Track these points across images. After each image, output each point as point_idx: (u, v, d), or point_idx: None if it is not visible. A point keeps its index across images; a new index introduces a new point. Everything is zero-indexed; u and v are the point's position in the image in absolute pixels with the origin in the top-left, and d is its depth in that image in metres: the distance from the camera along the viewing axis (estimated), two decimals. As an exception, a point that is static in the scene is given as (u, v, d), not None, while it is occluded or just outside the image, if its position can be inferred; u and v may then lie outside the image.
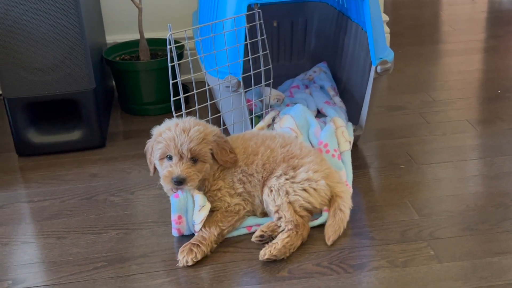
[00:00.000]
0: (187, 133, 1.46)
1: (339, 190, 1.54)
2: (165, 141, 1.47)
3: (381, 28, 1.82)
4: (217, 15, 1.81)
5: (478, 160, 1.82)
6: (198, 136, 1.47)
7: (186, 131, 1.47)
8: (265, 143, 1.57)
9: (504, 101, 2.22)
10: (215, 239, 1.45)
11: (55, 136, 1.96)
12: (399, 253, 1.41)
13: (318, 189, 1.51)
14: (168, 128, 1.49)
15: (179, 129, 1.47)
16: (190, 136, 1.46)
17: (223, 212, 1.50)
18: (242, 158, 1.54)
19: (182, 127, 1.48)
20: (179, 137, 1.45)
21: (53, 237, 1.55)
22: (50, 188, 1.78)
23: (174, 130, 1.47)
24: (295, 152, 1.56)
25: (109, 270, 1.41)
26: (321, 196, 1.51)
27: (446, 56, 2.75)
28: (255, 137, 1.60)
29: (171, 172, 1.45)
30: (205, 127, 1.51)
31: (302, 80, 2.23)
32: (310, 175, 1.51)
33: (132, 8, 2.25)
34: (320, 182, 1.51)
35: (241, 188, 1.53)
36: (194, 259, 1.40)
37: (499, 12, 3.44)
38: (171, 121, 1.53)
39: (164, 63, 2.13)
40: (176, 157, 1.45)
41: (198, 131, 1.48)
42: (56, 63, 1.86)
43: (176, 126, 1.48)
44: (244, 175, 1.53)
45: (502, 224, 1.50)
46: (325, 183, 1.52)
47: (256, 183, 1.53)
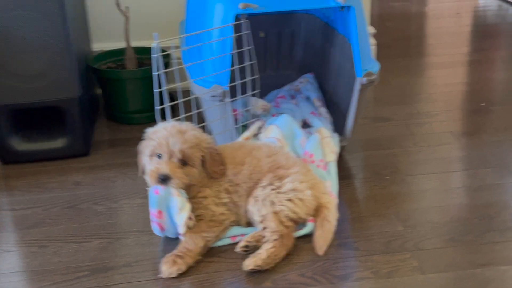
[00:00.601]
0: (183, 135, 1.47)
1: (325, 201, 1.54)
2: (158, 139, 1.47)
3: (366, 40, 1.83)
4: (204, 24, 1.81)
5: (462, 172, 1.83)
6: (193, 140, 1.47)
7: (182, 132, 1.48)
8: (252, 153, 1.56)
9: (488, 114, 2.24)
10: (199, 251, 1.44)
11: (39, 144, 1.95)
12: (383, 264, 1.42)
13: (304, 200, 1.51)
14: (164, 127, 1.50)
15: (175, 130, 1.48)
16: (185, 138, 1.46)
17: (207, 221, 1.49)
18: (230, 168, 1.53)
19: (179, 128, 1.49)
20: (173, 137, 1.46)
21: (35, 246, 1.53)
22: (33, 196, 1.76)
23: (170, 130, 1.48)
24: (281, 162, 1.56)
25: (91, 279, 1.40)
26: (306, 206, 1.51)
27: (431, 68, 2.77)
28: (243, 147, 1.60)
29: (158, 169, 1.45)
30: (201, 134, 1.52)
31: (288, 91, 2.23)
32: (296, 185, 1.51)
33: (119, 16, 2.25)
34: (306, 193, 1.51)
35: (226, 198, 1.52)
36: (179, 271, 1.39)
37: (484, 26, 3.48)
38: (169, 122, 1.54)
39: (150, 71, 2.11)
40: (166, 156, 1.45)
41: (194, 135, 1.49)
42: (42, 71, 1.85)
43: (173, 127, 1.49)
44: (231, 185, 1.52)
45: (486, 235, 1.51)
46: (310, 193, 1.52)
47: (242, 193, 1.52)
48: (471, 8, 3.87)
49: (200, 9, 1.88)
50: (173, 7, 2.43)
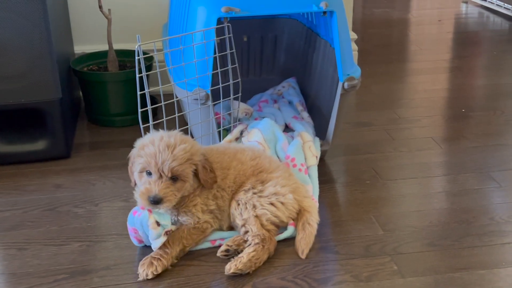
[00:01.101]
0: (171, 151, 1.38)
1: (306, 205, 1.55)
2: (146, 156, 1.39)
3: (348, 45, 1.84)
4: (187, 27, 1.81)
5: (442, 177, 1.85)
6: (183, 155, 1.39)
7: (171, 148, 1.39)
8: (236, 156, 1.56)
9: (468, 120, 2.26)
10: (176, 254, 1.44)
11: (18, 146, 1.93)
12: (363, 267, 1.42)
13: (285, 203, 1.51)
14: (152, 141, 1.41)
15: (163, 145, 1.39)
16: (174, 155, 1.38)
17: (190, 229, 1.48)
18: (218, 173, 1.51)
19: (167, 143, 1.39)
20: (161, 154, 1.37)
21: (14, 248, 1.51)
22: (12, 198, 1.74)
23: (158, 144, 1.39)
24: (264, 165, 1.56)
25: (70, 282, 1.38)
26: (288, 210, 1.52)
27: (412, 74, 2.80)
28: (227, 150, 1.58)
29: (148, 190, 1.38)
30: (192, 146, 1.43)
31: (271, 95, 2.24)
32: (278, 189, 1.51)
33: (101, 18, 2.24)
34: (288, 196, 1.52)
35: (213, 205, 1.51)
36: (155, 272, 1.39)
37: (465, 33, 3.52)
38: (157, 134, 1.44)
39: (132, 74, 2.12)
40: (156, 175, 1.38)
41: (183, 150, 1.40)
42: (22, 72, 1.83)
43: (160, 141, 1.40)
44: (218, 190, 1.51)
45: (465, 240, 1.53)
46: (292, 197, 1.52)
47: (227, 197, 1.52)
48: (452, 15, 3.91)
49: (183, 12, 1.88)
50: (156, 9, 2.43)
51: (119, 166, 1.90)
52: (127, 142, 2.06)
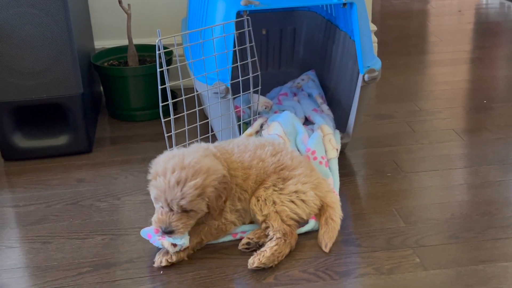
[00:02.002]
0: (181, 188, 1.33)
1: (329, 200, 1.54)
2: (157, 189, 1.36)
3: (369, 37, 1.83)
4: (206, 21, 1.82)
5: (463, 169, 1.83)
6: (193, 193, 1.34)
7: (180, 184, 1.34)
8: (257, 153, 1.54)
9: (490, 111, 2.24)
10: (193, 246, 1.45)
11: (41, 141, 1.95)
12: (385, 260, 1.42)
13: (306, 201, 1.51)
14: (164, 172, 1.36)
15: (173, 180, 1.34)
16: (183, 193, 1.33)
17: (211, 227, 1.47)
18: (239, 175, 1.50)
19: (177, 178, 1.34)
20: (170, 191, 1.34)
21: (38, 242, 1.54)
22: (36, 193, 1.76)
23: (169, 179, 1.34)
24: (286, 162, 1.55)
25: (94, 275, 1.40)
26: (309, 207, 1.51)
27: (432, 66, 2.77)
28: (248, 147, 1.56)
29: (161, 221, 1.37)
30: (204, 179, 1.36)
31: (290, 88, 2.24)
32: (299, 187, 1.50)
33: (121, 13, 2.25)
34: (309, 194, 1.51)
35: (240, 205, 1.51)
36: (169, 260, 1.40)
37: (486, 24, 3.48)
38: (170, 159, 1.39)
39: (152, 69, 2.13)
40: (167, 208, 1.36)
41: (194, 186, 1.34)
42: (44, 68, 1.85)
43: (172, 173, 1.34)
44: (241, 193, 1.50)
45: (487, 232, 1.52)
46: (313, 194, 1.52)
47: (248, 199, 1.52)
48: (473, 6, 3.87)
49: (202, 6, 1.88)
50: (175, 4, 2.44)
51: (140, 160, 1.92)
52: (147, 136, 2.09)
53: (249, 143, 1.59)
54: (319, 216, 1.53)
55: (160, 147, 1.97)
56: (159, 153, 1.92)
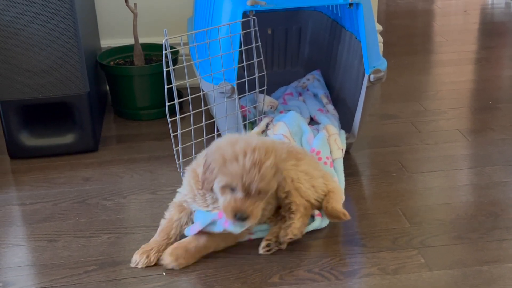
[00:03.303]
0: (258, 169, 1.30)
1: (331, 187, 1.58)
2: (231, 175, 1.31)
3: (374, 37, 1.83)
4: (212, 21, 1.82)
5: (469, 170, 1.83)
6: (270, 173, 1.32)
7: (257, 166, 1.30)
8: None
9: (495, 112, 2.24)
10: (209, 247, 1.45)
11: (48, 139, 1.96)
12: (390, 260, 1.42)
13: (316, 186, 1.53)
14: (235, 156, 1.31)
15: (249, 162, 1.29)
16: (262, 174, 1.30)
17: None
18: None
19: (253, 160, 1.30)
20: (248, 175, 1.29)
21: (45, 240, 1.55)
22: (42, 191, 1.77)
23: (243, 163, 1.30)
24: (297, 148, 1.62)
25: (100, 274, 1.41)
26: (317, 193, 1.54)
27: (438, 66, 2.77)
28: (255, 137, 1.52)
29: (235, 208, 1.31)
30: (275, 156, 1.34)
31: (295, 88, 2.24)
32: (310, 170, 1.54)
33: (127, 13, 2.26)
34: (318, 180, 1.55)
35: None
36: (180, 266, 1.41)
37: (491, 24, 3.47)
38: (234, 144, 1.33)
39: (158, 68, 2.14)
40: (242, 193, 1.31)
41: (270, 166, 1.32)
42: (51, 67, 1.86)
43: (244, 157, 1.30)
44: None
45: (492, 233, 1.52)
46: (322, 181, 1.56)
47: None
48: (478, 6, 3.86)
49: (208, 6, 1.89)
50: (181, 3, 2.44)
51: (146, 159, 1.93)
52: (153, 135, 2.09)
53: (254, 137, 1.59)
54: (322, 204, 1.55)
55: (165, 146, 1.99)
56: (165, 152, 1.96)
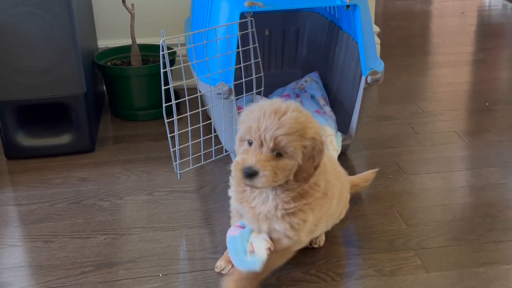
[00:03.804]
0: (279, 117, 1.14)
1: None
2: (249, 121, 1.16)
3: (372, 38, 1.83)
4: (210, 22, 1.82)
5: (465, 171, 1.83)
6: (292, 125, 1.14)
7: (279, 114, 1.14)
8: None
9: (492, 113, 2.24)
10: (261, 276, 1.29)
11: (44, 140, 1.96)
12: (387, 262, 1.42)
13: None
14: (260, 106, 1.17)
15: (270, 109, 1.15)
16: (280, 122, 1.13)
17: (282, 250, 1.29)
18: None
19: (276, 108, 1.15)
20: (266, 119, 1.13)
21: (41, 240, 1.54)
22: (39, 191, 1.77)
23: (265, 109, 1.15)
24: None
25: (96, 275, 1.41)
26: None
27: (435, 67, 2.77)
28: None
29: (244, 160, 1.15)
30: (307, 119, 1.18)
31: (293, 89, 2.24)
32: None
33: (125, 13, 2.26)
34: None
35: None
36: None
37: (488, 25, 3.48)
38: (273, 100, 1.21)
39: (155, 69, 2.14)
40: (256, 143, 1.15)
41: (294, 118, 1.14)
42: (47, 67, 1.86)
43: (270, 106, 1.16)
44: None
45: (489, 234, 1.52)
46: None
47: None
48: (476, 8, 3.87)
49: (206, 7, 1.89)
50: (178, 4, 2.44)
51: (143, 160, 1.92)
52: (150, 136, 2.09)
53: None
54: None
55: (162, 147, 1.99)
56: (161, 153, 1.96)
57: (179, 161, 1.70)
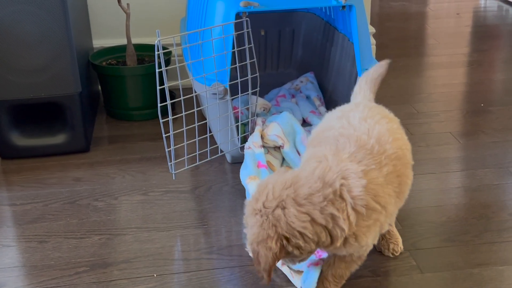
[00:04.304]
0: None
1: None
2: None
3: (367, 39, 1.83)
4: (205, 22, 1.82)
5: (460, 172, 1.84)
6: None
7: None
8: None
9: (487, 115, 2.25)
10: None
11: (39, 139, 1.95)
12: (381, 262, 1.42)
13: None
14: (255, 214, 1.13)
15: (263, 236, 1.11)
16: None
17: (349, 261, 1.25)
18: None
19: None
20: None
21: (35, 241, 1.54)
22: (33, 191, 1.76)
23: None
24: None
25: (91, 275, 1.40)
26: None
27: (430, 69, 2.78)
28: None
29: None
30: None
31: (288, 90, 2.24)
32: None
33: (120, 13, 2.25)
34: None
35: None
36: None
37: (484, 27, 3.49)
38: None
39: (151, 68, 2.13)
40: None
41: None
42: (42, 66, 1.85)
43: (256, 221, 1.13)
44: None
45: (483, 235, 1.52)
46: None
47: None
48: (471, 9, 3.87)
49: (201, 7, 1.88)
50: (174, 4, 2.44)
51: (137, 160, 1.92)
52: (145, 136, 2.09)
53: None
54: None
55: (157, 147, 1.99)
56: (156, 153, 1.96)
57: (174, 161, 1.70)
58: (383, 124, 1.24)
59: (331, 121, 1.29)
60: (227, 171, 1.85)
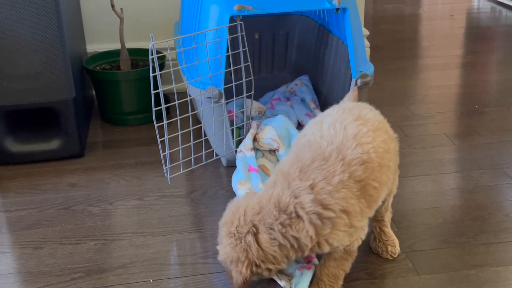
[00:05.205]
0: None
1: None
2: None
3: (361, 42, 1.84)
4: (199, 26, 1.82)
5: (455, 174, 1.84)
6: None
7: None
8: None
9: (482, 116, 2.25)
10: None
11: (33, 145, 1.94)
12: (378, 265, 1.42)
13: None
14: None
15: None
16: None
17: (339, 257, 1.27)
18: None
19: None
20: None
21: (30, 247, 1.53)
22: (28, 197, 1.76)
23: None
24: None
25: (86, 281, 1.40)
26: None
27: (425, 70, 2.78)
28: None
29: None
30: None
31: (283, 93, 2.24)
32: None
33: (114, 17, 2.25)
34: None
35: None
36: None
37: (477, 28, 3.50)
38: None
39: (145, 73, 2.13)
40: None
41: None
42: (36, 72, 1.84)
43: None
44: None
45: (479, 237, 1.52)
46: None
47: None
48: (464, 10, 3.89)
49: (195, 10, 1.88)
50: (168, 8, 2.43)
51: (132, 165, 1.92)
52: (140, 140, 2.08)
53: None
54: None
55: (152, 152, 1.98)
56: (151, 158, 1.95)
57: (169, 165, 1.69)
58: (352, 128, 1.25)
59: (309, 126, 1.34)
60: (222, 175, 1.85)
